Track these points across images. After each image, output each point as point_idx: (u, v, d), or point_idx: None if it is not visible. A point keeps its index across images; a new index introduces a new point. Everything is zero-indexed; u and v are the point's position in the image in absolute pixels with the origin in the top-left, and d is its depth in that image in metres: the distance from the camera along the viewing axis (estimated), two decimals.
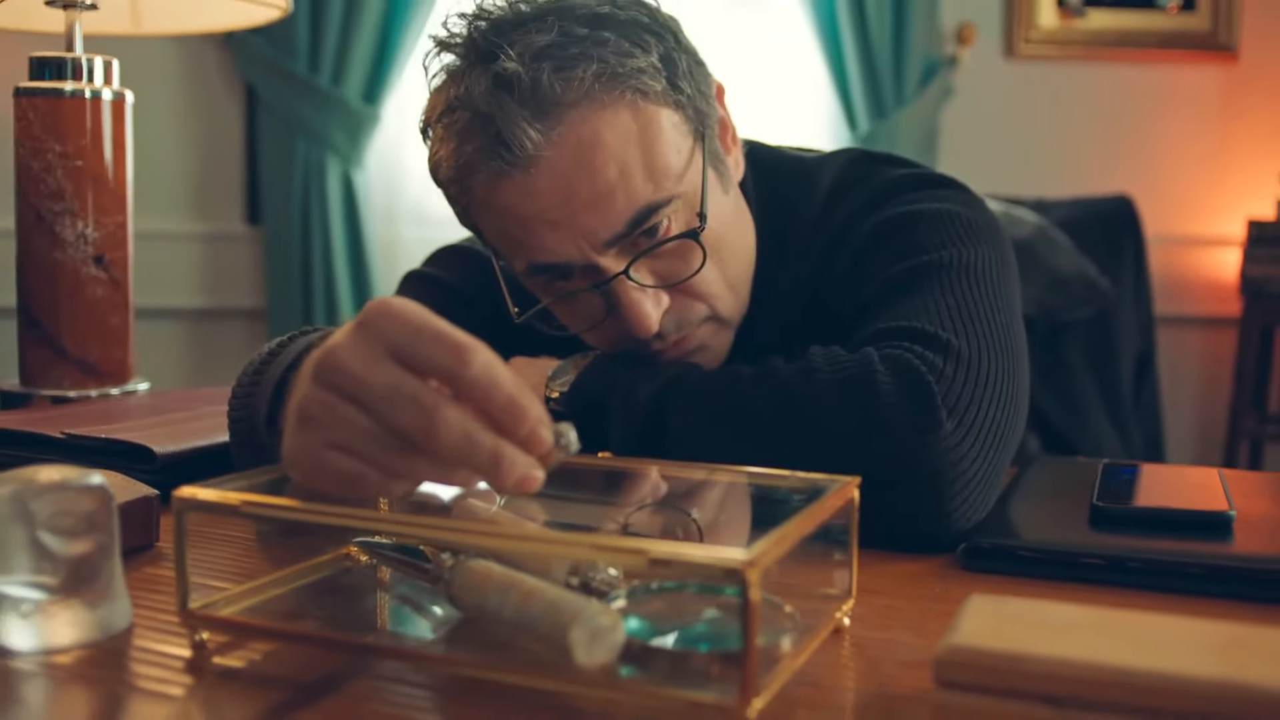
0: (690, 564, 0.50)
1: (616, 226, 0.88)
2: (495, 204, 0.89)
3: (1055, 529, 0.81)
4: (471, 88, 0.86)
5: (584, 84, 0.85)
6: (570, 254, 0.88)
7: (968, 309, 0.90)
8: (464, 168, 0.88)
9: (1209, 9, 3.20)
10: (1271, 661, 0.48)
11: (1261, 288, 3.06)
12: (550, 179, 0.86)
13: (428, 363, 0.56)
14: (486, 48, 0.87)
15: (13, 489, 0.58)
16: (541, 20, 0.87)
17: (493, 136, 0.85)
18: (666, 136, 0.89)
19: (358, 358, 0.57)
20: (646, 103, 0.88)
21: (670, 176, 0.89)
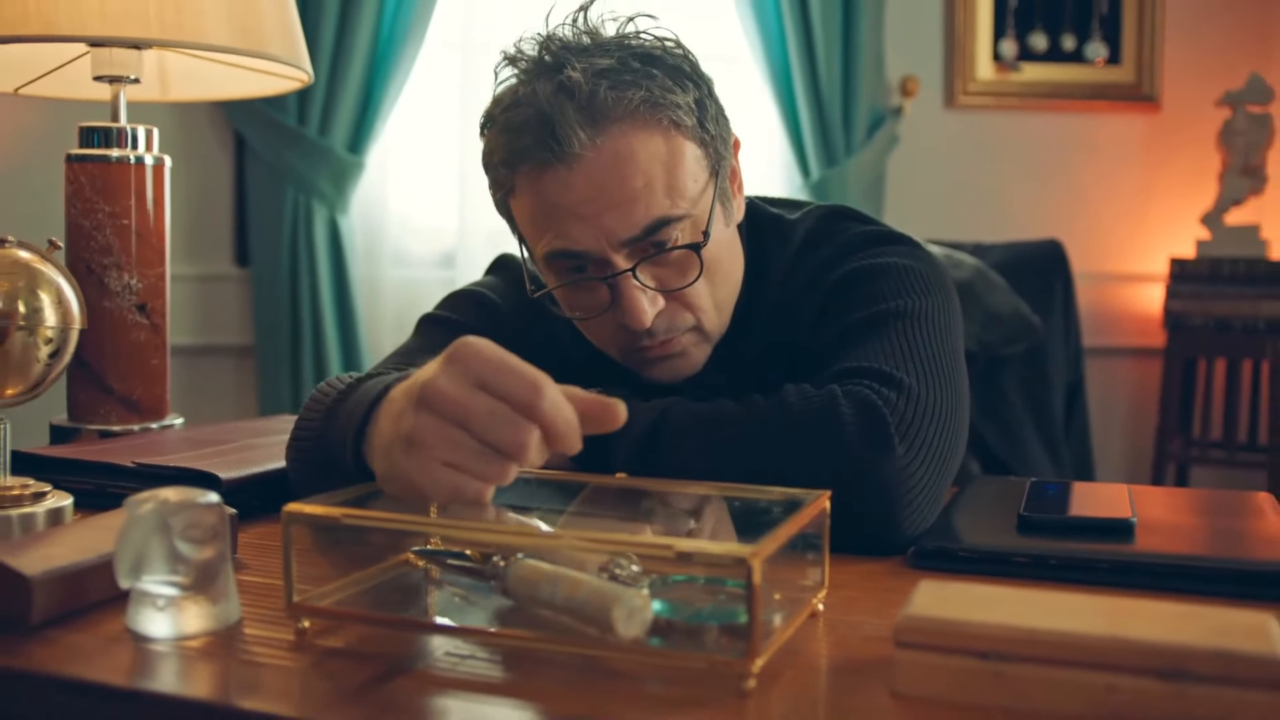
0: (709, 555, 0.64)
1: (633, 230, 1.02)
2: (535, 190, 1.03)
3: (989, 534, 0.96)
4: (539, 89, 1.01)
5: (631, 104, 1.01)
6: (589, 246, 1.03)
7: (918, 351, 1.05)
8: (516, 154, 1.03)
9: (1133, 63, 3.41)
10: (1145, 623, 0.62)
11: (1183, 321, 3.26)
12: (587, 177, 1.01)
13: (508, 392, 0.71)
14: (556, 61, 1.02)
15: (154, 506, 0.72)
16: (604, 49, 1.03)
17: (548, 132, 1.00)
18: (688, 165, 1.04)
19: (456, 388, 0.72)
20: (677, 133, 1.04)
21: (685, 198, 1.04)
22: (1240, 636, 0.61)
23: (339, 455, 0.88)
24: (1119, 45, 3.40)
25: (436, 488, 0.74)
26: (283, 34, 1.33)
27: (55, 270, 0.95)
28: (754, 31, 3.05)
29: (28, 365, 0.92)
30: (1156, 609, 0.66)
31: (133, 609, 0.73)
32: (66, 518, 0.96)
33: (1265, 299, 3.17)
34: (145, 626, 0.73)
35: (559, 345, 1.19)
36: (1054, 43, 3.38)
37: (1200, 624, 0.63)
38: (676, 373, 1.11)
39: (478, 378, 0.73)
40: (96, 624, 0.76)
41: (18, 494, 0.94)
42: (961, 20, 3.32)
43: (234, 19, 1.27)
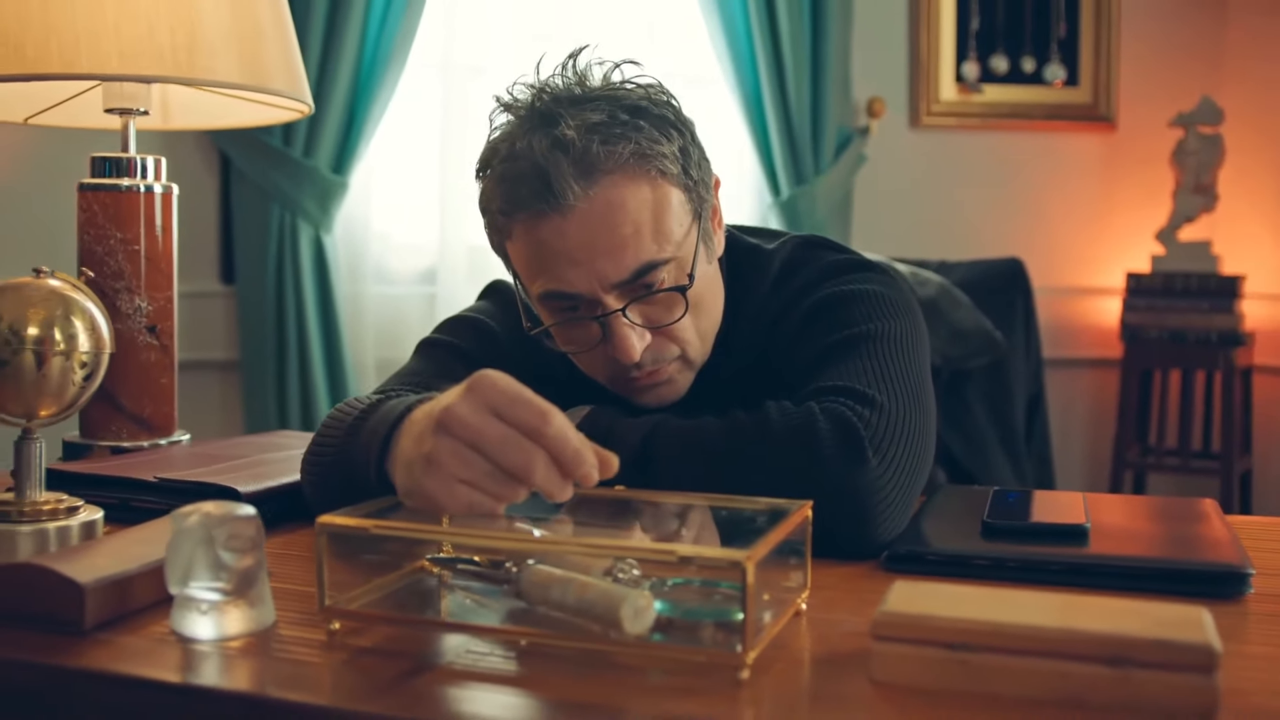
0: (708, 558, 0.72)
1: (623, 273, 1.10)
2: (531, 237, 1.10)
3: (955, 539, 1.03)
4: (534, 144, 1.08)
5: (621, 158, 1.08)
6: (582, 288, 1.10)
7: (888, 371, 1.12)
8: (514, 203, 1.10)
9: (1090, 84, 3.52)
10: (1093, 617, 0.70)
11: (1139, 333, 3.37)
12: (580, 226, 1.08)
13: (519, 420, 0.79)
14: (551, 114, 1.09)
15: (199, 518, 0.78)
16: (595, 102, 1.10)
17: (544, 185, 1.07)
18: (673, 210, 1.12)
19: (473, 415, 0.79)
20: (664, 181, 1.11)
21: (671, 242, 1.11)
22: (1176, 628, 0.69)
23: (361, 470, 0.95)
24: (1076, 67, 3.51)
25: (453, 503, 0.81)
26: (285, 68, 1.40)
27: (87, 298, 1.02)
28: (725, 54, 3.13)
29: (64, 388, 0.98)
30: (1104, 604, 0.74)
31: (178, 613, 0.80)
32: (98, 531, 1.02)
33: (1217, 312, 3.28)
34: (190, 629, 0.79)
35: (552, 368, 1.26)
36: (1014, 65, 3.48)
37: (1142, 617, 0.70)
38: (663, 399, 1.18)
39: (493, 406, 0.80)
40: (143, 627, 0.82)
41: (53, 508, 1.00)
42: (925, 43, 3.42)
43: (241, 56, 1.33)
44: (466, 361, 1.28)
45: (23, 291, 0.99)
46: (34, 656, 0.77)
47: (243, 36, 1.34)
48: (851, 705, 0.70)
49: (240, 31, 1.34)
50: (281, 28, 1.41)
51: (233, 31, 1.33)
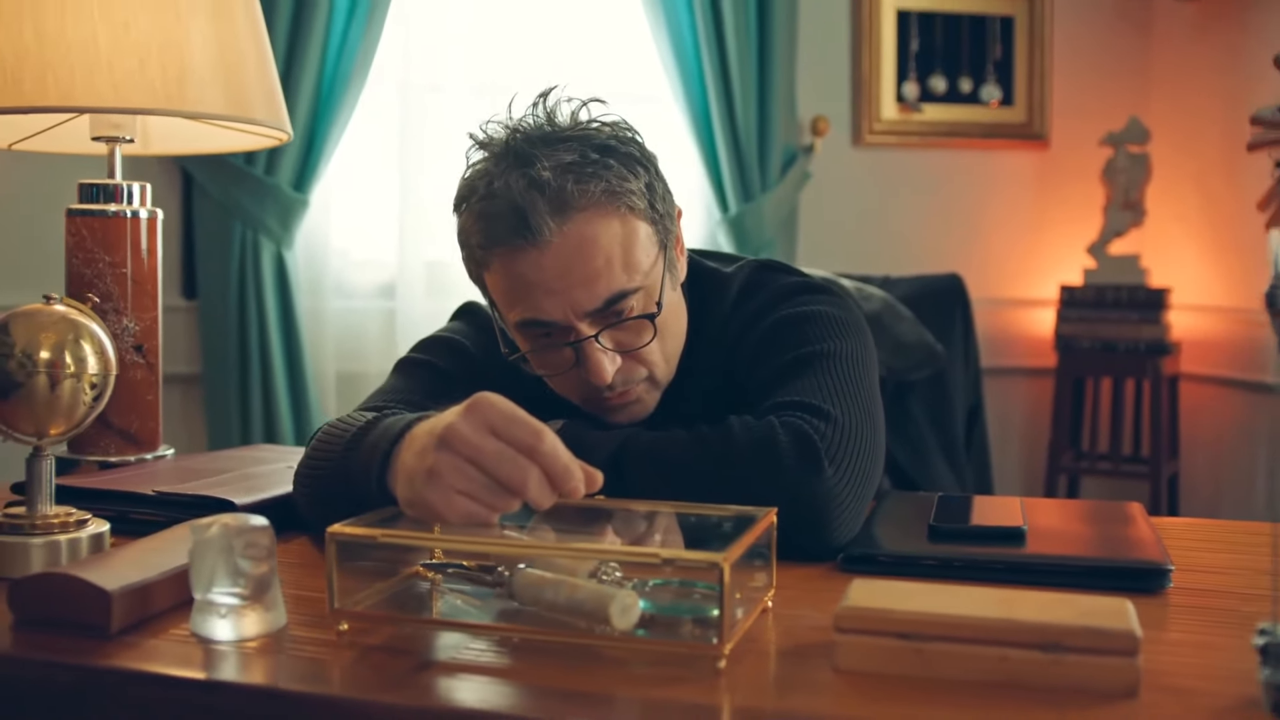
0: (689, 561, 0.80)
1: (596, 302, 1.17)
2: (508, 269, 1.17)
3: (905, 542, 1.12)
4: (512, 184, 1.15)
5: (593, 195, 1.16)
6: (557, 316, 1.18)
7: (841, 387, 1.21)
8: (492, 238, 1.17)
9: (1024, 104, 3.65)
10: (1029, 608, 0.79)
11: (1073, 343, 3.50)
12: (556, 259, 1.15)
13: (514, 438, 0.86)
14: (525, 154, 1.16)
15: (219, 529, 0.85)
16: (567, 143, 1.17)
17: (521, 221, 1.14)
18: (641, 243, 1.20)
19: (473, 433, 0.87)
20: (632, 215, 1.19)
21: (639, 272, 1.19)
22: (1103, 617, 0.78)
23: (361, 482, 1.02)
24: (1011, 88, 3.64)
25: (452, 513, 0.89)
26: (266, 98, 1.46)
27: (94, 323, 1.07)
28: (674, 73, 3.22)
29: (74, 408, 1.04)
30: (1038, 598, 0.82)
31: (198, 616, 0.86)
32: (106, 542, 1.08)
33: (1145, 323, 3.41)
34: (210, 631, 0.86)
35: (525, 385, 1.33)
36: (952, 85, 3.60)
37: (1072, 608, 0.79)
38: (633, 417, 1.26)
39: (490, 425, 0.88)
40: (164, 630, 0.89)
41: (63, 521, 1.06)
42: (867, 64, 3.53)
43: (226, 87, 1.40)
44: (444, 379, 1.35)
45: (35, 317, 1.04)
46: (66, 658, 0.83)
47: (227, 68, 1.40)
48: (818, 690, 0.78)
49: (225, 63, 1.40)
50: (262, 59, 1.47)
51: (218, 63, 1.39)
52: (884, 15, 3.53)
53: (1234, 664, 0.80)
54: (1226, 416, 3.51)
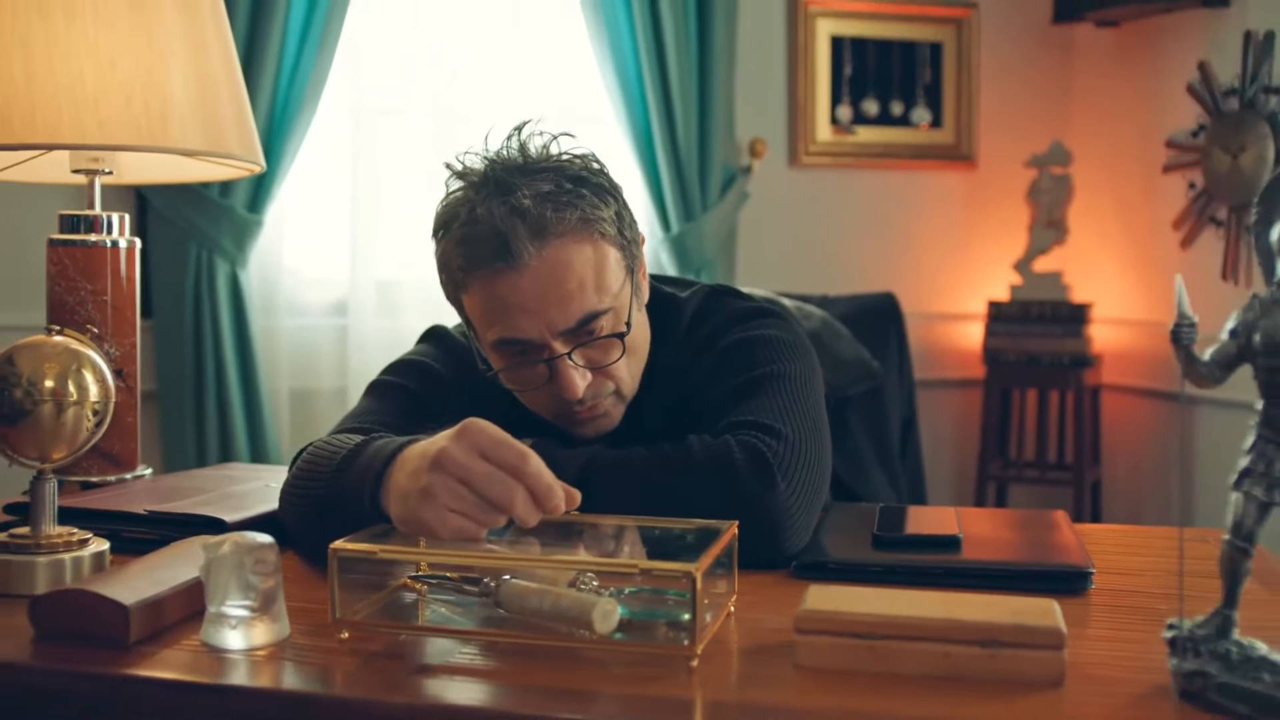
0: (664, 570, 0.88)
1: (570, 322, 1.25)
2: (487, 291, 1.25)
3: (851, 550, 1.21)
4: (494, 210, 1.23)
5: (569, 223, 1.24)
6: (533, 335, 1.25)
7: (791, 407, 1.30)
8: (473, 261, 1.24)
9: (953, 126, 3.78)
10: (968, 609, 0.88)
11: (1000, 356, 3.64)
12: (533, 281, 1.23)
13: (502, 460, 0.94)
14: (505, 184, 1.24)
15: (230, 547, 0.92)
16: (543, 173, 1.26)
17: (502, 245, 1.22)
18: (611, 267, 1.28)
19: (464, 455, 0.94)
20: (603, 241, 1.27)
21: (610, 294, 1.28)
22: (1032, 615, 0.87)
23: (353, 501, 1.09)
24: (940, 111, 3.77)
25: (445, 529, 0.96)
26: (240, 133, 1.52)
27: (94, 352, 1.13)
28: (617, 95, 3.30)
29: (77, 434, 1.10)
30: (975, 599, 0.92)
31: (209, 627, 0.93)
32: (106, 560, 1.13)
33: (1069, 337, 3.56)
34: (222, 641, 0.92)
35: (493, 404, 1.41)
36: (884, 108, 3.73)
37: (1005, 608, 0.89)
38: (600, 430, 1.34)
39: (480, 448, 0.96)
40: (176, 641, 0.95)
41: (66, 540, 1.11)
42: (803, 87, 3.64)
43: (204, 124, 1.46)
44: (415, 400, 1.42)
45: (39, 349, 1.10)
46: (88, 668, 0.90)
47: (205, 105, 1.46)
48: (781, 685, 0.87)
49: (203, 100, 1.46)
50: (237, 94, 1.53)
51: (197, 101, 1.45)
52: (819, 41, 3.65)
53: (1147, 655, 0.90)
54: (1145, 425, 3.66)
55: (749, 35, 3.50)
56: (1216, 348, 0.81)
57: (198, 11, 1.48)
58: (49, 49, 1.36)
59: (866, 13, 3.70)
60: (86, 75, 1.36)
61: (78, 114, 1.35)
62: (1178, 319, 0.81)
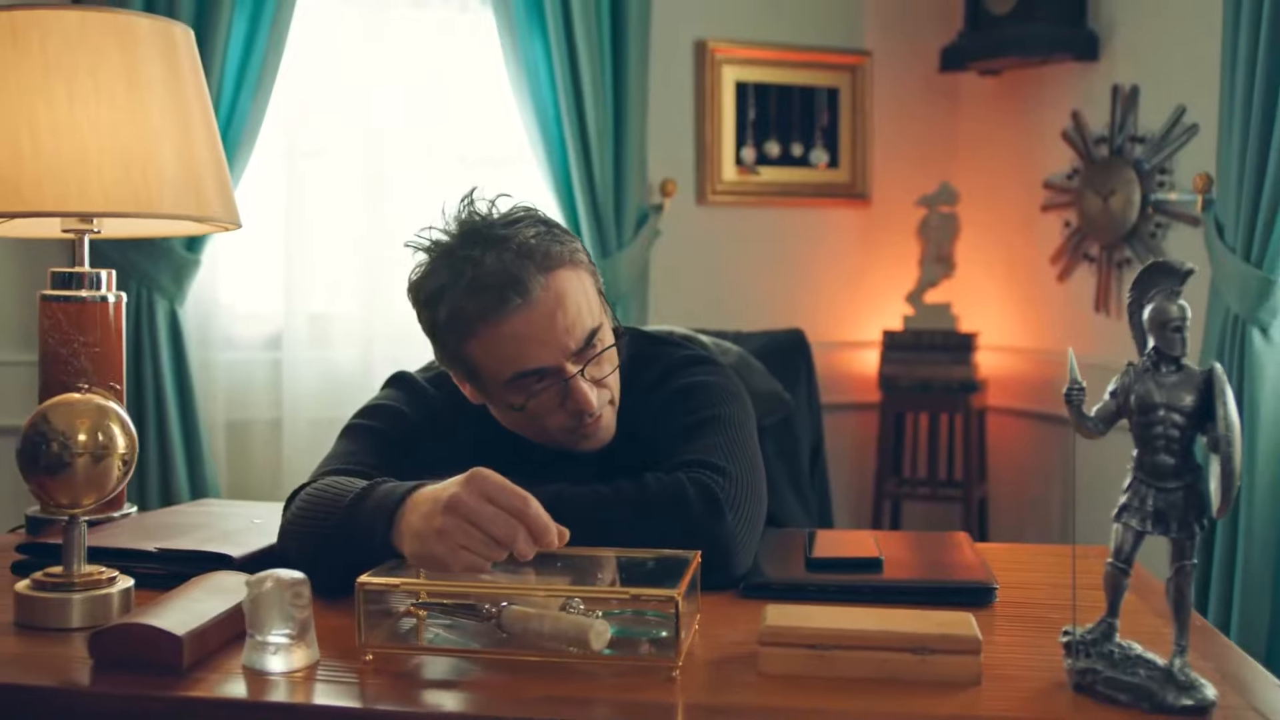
0: (653, 595, 1.04)
1: (579, 343, 1.41)
2: (500, 331, 1.38)
3: (789, 571, 1.38)
4: (501, 257, 1.37)
5: (564, 256, 1.41)
6: (549, 361, 1.40)
7: (732, 445, 1.47)
8: (487, 306, 1.37)
9: (849, 166, 4.01)
10: (900, 621, 1.06)
11: (894, 382, 3.86)
12: (543, 311, 1.39)
13: (506, 503, 1.09)
14: (496, 236, 1.39)
15: (273, 583, 1.05)
16: (518, 223, 1.42)
17: (515, 284, 1.36)
18: (592, 289, 1.45)
19: (473, 500, 1.09)
20: (584, 269, 1.45)
21: (597, 313, 1.44)
22: (954, 626, 1.05)
23: (365, 539, 1.22)
24: (837, 152, 3.99)
25: (456, 563, 1.11)
26: (222, 197, 1.64)
27: (118, 405, 1.25)
28: (538, 138, 3.45)
29: (108, 482, 1.21)
30: (905, 614, 1.09)
31: (252, 653, 1.06)
32: (132, 596, 1.25)
33: (957, 363, 3.80)
34: (265, 665, 1.05)
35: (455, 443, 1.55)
36: (785, 149, 3.94)
37: (931, 621, 1.06)
38: (603, 440, 1.48)
39: (486, 493, 1.11)
40: (221, 665, 1.08)
41: (97, 579, 1.23)
42: (709, 130, 3.83)
43: (193, 192, 1.57)
44: (387, 441, 1.55)
45: (72, 406, 1.22)
46: (150, 693, 1.02)
47: (192, 172, 1.58)
48: (748, 690, 1.03)
49: (191, 168, 1.58)
50: (218, 163, 1.65)
51: (187, 168, 1.57)
52: (724, 87, 3.85)
53: (1047, 657, 1.08)
54: (1027, 445, 3.92)
55: (660, 81, 3.67)
56: (1100, 406, 1.00)
57: (183, 87, 1.60)
58: (54, 124, 1.47)
59: (768, 60, 3.91)
60: (89, 148, 1.48)
61: (84, 184, 1.47)
62: (1070, 384, 0.99)
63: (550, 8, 3.37)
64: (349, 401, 3.23)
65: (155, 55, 1.56)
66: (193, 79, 1.63)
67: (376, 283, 3.28)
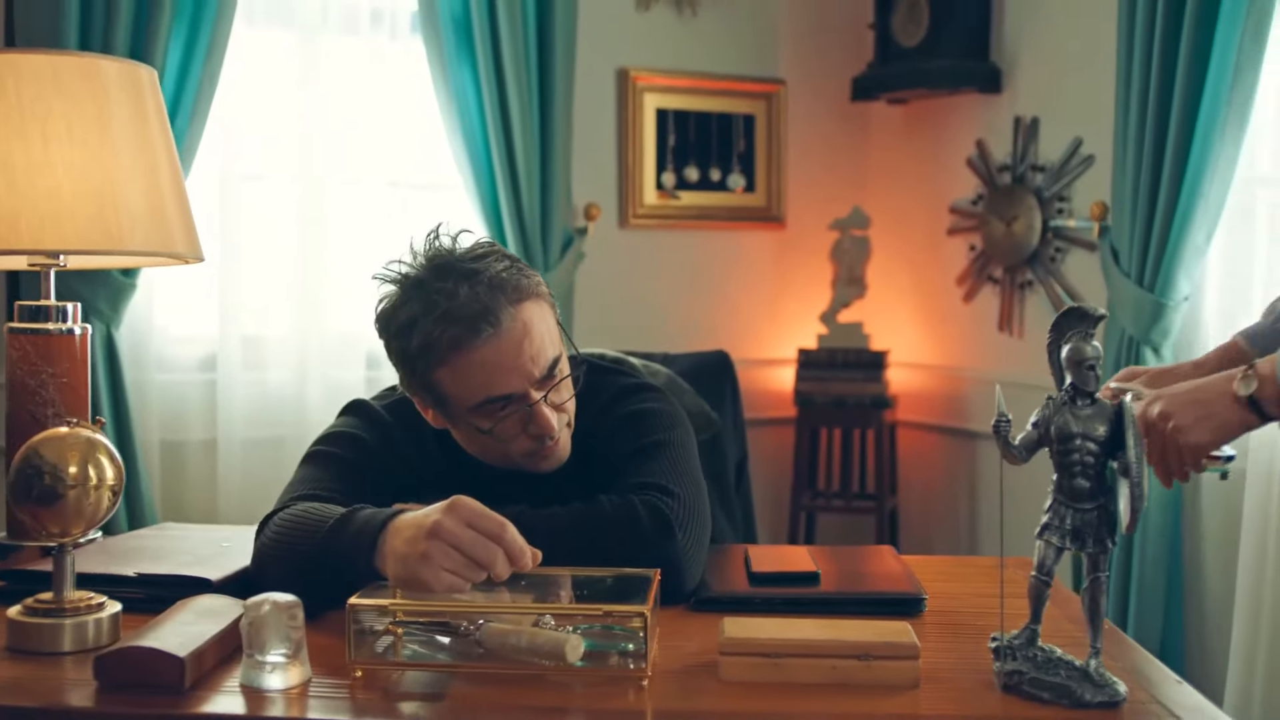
0: (624, 610, 1.13)
1: (543, 370, 1.50)
2: (472, 360, 1.46)
3: (735, 585, 1.48)
4: (474, 289, 1.45)
5: (530, 289, 1.50)
6: (516, 388, 1.48)
7: (678, 469, 1.57)
8: (459, 335, 1.45)
9: (764, 190, 4.14)
10: (846, 630, 1.16)
11: (809, 398, 4.00)
12: (511, 340, 1.47)
13: (486, 529, 1.18)
14: (468, 270, 1.46)
15: (270, 606, 1.12)
16: (488, 256, 1.50)
17: (486, 314, 1.44)
18: (554, 321, 1.54)
19: (455, 526, 1.18)
20: (544, 300, 1.53)
21: (558, 343, 1.53)
22: (894, 634, 1.16)
23: (348, 561, 1.29)
24: (753, 177, 4.12)
25: (439, 585, 1.19)
26: (185, 233, 1.69)
27: (104, 438, 1.31)
28: (466, 162, 3.51)
29: (99, 512, 1.27)
30: (849, 623, 1.20)
31: (250, 671, 1.13)
32: (120, 620, 1.30)
33: (869, 381, 3.95)
34: (262, 682, 1.12)
35: (414, 468, 1.63)
36: (704, 174, 4.06)
37: (873, 629, 1.17)
38: (560, 460, 1.57)
39: (467, 520, 1.19)
40: (219, 683, 1.14)
41: (86, 604, 1.28)
42: (631, 156, 3.94)
43: (159, 229, 1.62)
44: (349, 466, 1.62)
45: (63, 440, 1.27)
46: (156, 711, 1.08)
47: (159, 210, 1.63)
48: (711, 695, 1.13)
49: (158, 206, 1.63)
50: (181, 197, 1.70)
51: (155, 206, 1.62)
52: (645, 114, 3.96)
53: (977, 661, 1.20)
54: (936, 458, 4.09)
55: (583, 109, 3.76)
56: (1023, 435, 1.12)
57: (149, 128, 1.65)
58: (29, 165, 1.51)
59: (688, 88, 4.02)
60: (63, 188, 1.52)
61: (58, 222, 1.51)
62: (998, 416, 1.11)
63: (479, 37, 3.45)
64: (282, 422, 3.30)
65: (123, 97, 1.61)
66: (157, 119, 1.68)
67: (309, 305, 3.33)
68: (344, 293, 3.36)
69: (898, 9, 3.86)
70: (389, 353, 1.56)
